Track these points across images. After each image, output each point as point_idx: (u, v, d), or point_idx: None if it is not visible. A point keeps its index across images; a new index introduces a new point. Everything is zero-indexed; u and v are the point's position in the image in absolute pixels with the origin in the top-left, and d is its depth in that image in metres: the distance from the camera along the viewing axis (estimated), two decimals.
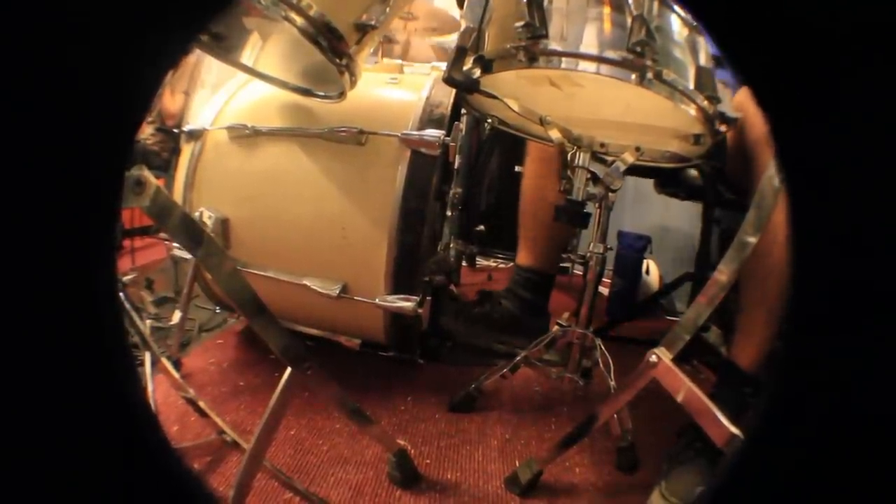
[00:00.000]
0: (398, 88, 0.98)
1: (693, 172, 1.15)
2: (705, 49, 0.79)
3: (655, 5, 0.73)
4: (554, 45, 0.71)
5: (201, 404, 0.82)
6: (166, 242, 1.98)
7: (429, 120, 0.88)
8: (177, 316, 0.97)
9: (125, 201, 0.47)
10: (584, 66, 0.70)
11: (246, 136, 0.94)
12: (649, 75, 0.70)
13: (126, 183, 0.46)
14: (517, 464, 0.84)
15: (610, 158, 0.87)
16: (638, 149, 0.87)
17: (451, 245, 1.45)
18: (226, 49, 0.87)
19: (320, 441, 0.87)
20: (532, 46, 0.71)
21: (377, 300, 0.89)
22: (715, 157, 0.94)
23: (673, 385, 0.62)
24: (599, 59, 0.71)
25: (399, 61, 1.07)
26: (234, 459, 0.80)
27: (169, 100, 2.02)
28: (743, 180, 0.99)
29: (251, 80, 1.01)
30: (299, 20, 0.72)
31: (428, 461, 0.86)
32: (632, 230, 1.76)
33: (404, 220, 0.85)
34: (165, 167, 1.96)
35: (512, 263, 1.36)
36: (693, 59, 0.78)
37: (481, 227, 1.62)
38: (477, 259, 1.95)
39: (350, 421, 0.77)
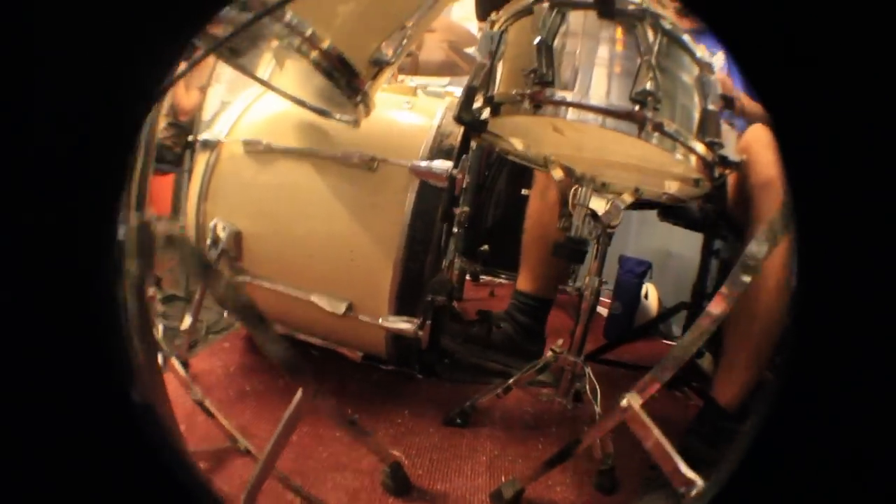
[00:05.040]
0: (412, 113, 1.08)
1: (694, 205, 1.24)
2: (715, 89, 0.86)
3: (665, 44, 0.82)
4: (560, 94, 0.80)
5: (211, 407, 0.94)
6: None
7: (438, 150, 0.98)
8: (187, 320, 1.08)
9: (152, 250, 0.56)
10: (586, 116, 0.79)
11: (260, 151, 1.03)
12: (649, 128, 0.78)
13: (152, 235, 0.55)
14: (503, 479, 0.95)
15: (609, 196, 0.96)
16: (637, 189, 0.96)
17: (456, 262, 1.56)
18: (243, 62, 0.96)
19: (320, 448, 0.99)
20: (538, 94, 0.80)
21: (380, 321, 1.00)
22: (713, 200, 1.03)
23: (641, 431, 0.72)
24: (601, 111, 0.79)
25: (413, 83, 1.16)
26: (237, 462, 0.92)
27: (184, 95, 2.13)
28: (742, 219, 1.08)
29: (267, 92, 1.10)
30: (313, 53, 0.78)
31: (420, 472, 0.97)
32: (634, 255, 1.87)
33: (410, 248, 0.95)
34: (178, 162, 2.07)
35: (513, 281, 1.46)
36: (700, 100, 0.86)
37: (486, 247, 1.73)
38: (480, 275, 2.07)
39: (348, 432, 0.89)
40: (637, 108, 0.78)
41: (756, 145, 1.02)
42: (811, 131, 0.28)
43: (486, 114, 0.87)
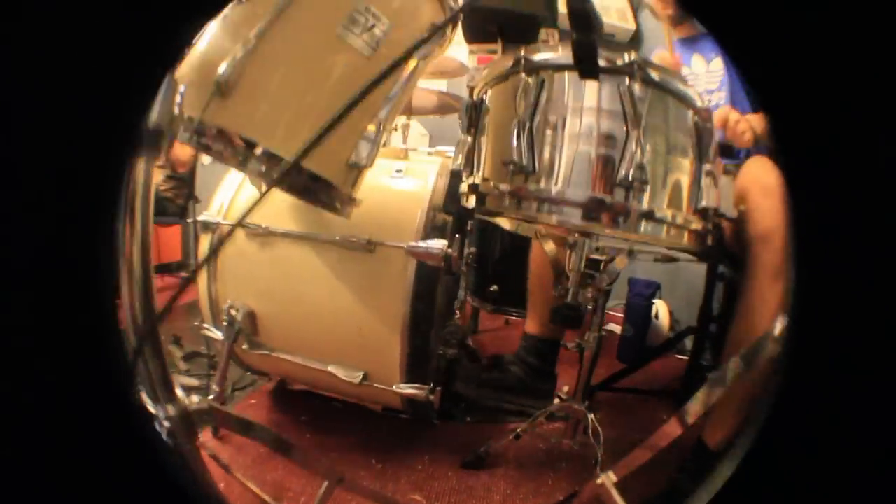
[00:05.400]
0: (404, 180, 1.10)
1: None
2: (712, 140, 0.82)
3: (656, 99, 0.78)
4: (541, 186, 0.79)
5: (241, 477, 1.03)
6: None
7: (433, 227, 1.01)
8: (214, 391, 1.17)
9: None
10: (568, 219, 0.78)
11: (260, 234, 1.08)
12: (635, 219, 0.76)
13: None
14: None
15: (604, 258, 0.99)
16: (631, 252, 0.98)
17: (468, 300, 1.61)
18: None
19: (351, 501, 1.09)
20: (519, 190, 0.80)
21: (394, 387, 1.07)
22: (708, 256, 1.04)
23: None
24: (582, 206, 0.77)
25: (404, 146, 1.18)
26: None
27: (179, 147, 2.14)
28: (740, 254, 1.08)
29: None
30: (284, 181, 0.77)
31: None
32: (643, 275, 1.88)
33: (413, 324, 1.01)
34: (181, 213, 2.14)
35: (524, 318, 1.50)
36: (695, 160, 0.82)
37: (495, 287, 1.76)
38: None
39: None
40: (623, 195, 0.76)
41: (754, 190, 1.00)
42: (811, 134, 0.28)
43: (472, 203, 0.88)
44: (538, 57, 0.80)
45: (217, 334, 1.16)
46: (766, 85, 0.29)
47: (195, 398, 0.52)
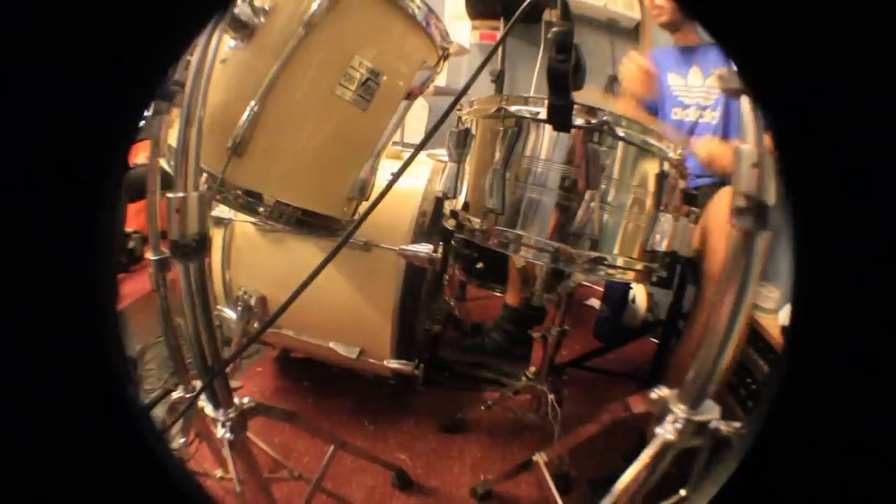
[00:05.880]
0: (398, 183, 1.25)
1: None
2: (674, 190, 0.89)
3: (625, 154, 0.85)
4: (505, 229, 0.88)
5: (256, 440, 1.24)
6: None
7: (421, 233, 1.17)
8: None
9: None
10: (527, 254, 0.89)
11: (268, 230, 1.24)
12: (581, 263, 0.86)
13: None
14: (482, 478, 1.26)
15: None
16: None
17: (456, 273, 1.77)
18: None
19: (347, 458, 1.30)
20: (489, 229, 0.90)
21: (385, 362, 1.26)
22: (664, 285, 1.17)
23: (541, 482, 0.98)
24: (540, 249, 0.87)
25: (399, 147, 1.31)
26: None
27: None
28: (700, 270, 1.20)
29: None
30: (288, 225, 0.87)
31: (419, 471, 1.28)
32: None
33: (402, 312, 1.19)
34: None
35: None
36: (653, 203, 0.89)
37: (481, 264, 1.93)
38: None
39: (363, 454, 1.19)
40: (575, 243, 0.85)
41: (716, 232, 1.09)
42: (811, 137, 0.28)
43: (451, 225, 1.00)
44: (515, 108, 0.90)
45: (231, 315, 1.34)
46: (766, 87, 0.29)
47: (246, 399, 0.71)
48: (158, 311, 0.88)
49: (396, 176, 0.69)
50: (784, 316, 1.39)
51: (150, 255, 0.86)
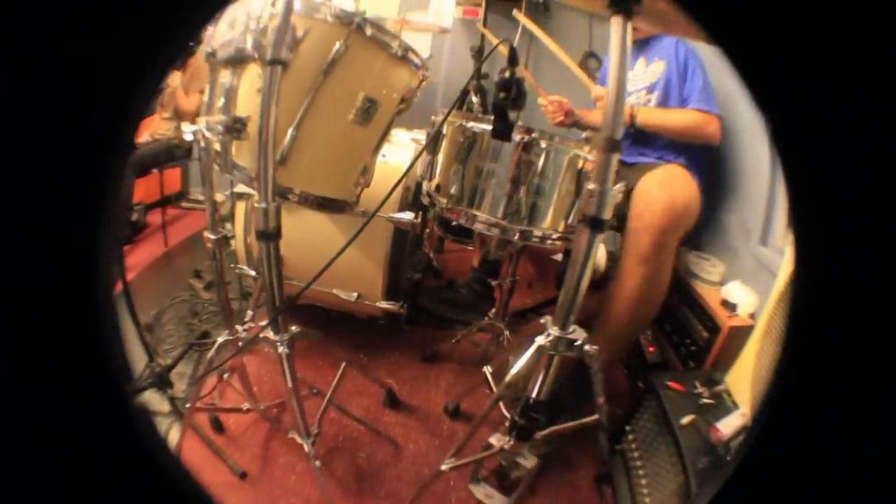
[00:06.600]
0: (388, 163, 1.57)
1: None
2: (585, 178, 1.22)
3: (551, 157, 1.17)
4: (464, 209, 1.25)
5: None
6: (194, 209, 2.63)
7: (406, 203, 1.51)
8: (248, 314, 1.69)
9: None
10: (479, 227, 1.26)
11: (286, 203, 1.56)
12: (514, 235, 1.22)
13: None
14: (452, 398, 1.63)
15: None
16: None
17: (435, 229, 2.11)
18: None
19: (348, 383, 1.66)
20: (451, 210, 1.27)
21: (377, 303, 1.62)
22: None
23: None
24: (487, 224, 1.23)
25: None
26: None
27: (184, 99, 2.43)
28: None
29: None
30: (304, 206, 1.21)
31: (405, 393, 1.65)
32: None
33: (391, 265, 1.54)
34: (187, 155, 2.57)
35: None
36: (574, 189, 1.23)
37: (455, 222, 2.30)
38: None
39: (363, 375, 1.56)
40: (510, 221, 1.21)
41: (640, 196, 1.41)
42: (809, 136, 0.29)
43: (427, 202, 1.36)
44: (472, 124, 1.25)
45: (250, 272, 1.67)
46: (764, 85, 0.29)
47: (294, 328, 1.09)
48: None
49: (401, 178, 1.04)
50: (727, 291, 1.62)
51: (208, 234, 1.25)
